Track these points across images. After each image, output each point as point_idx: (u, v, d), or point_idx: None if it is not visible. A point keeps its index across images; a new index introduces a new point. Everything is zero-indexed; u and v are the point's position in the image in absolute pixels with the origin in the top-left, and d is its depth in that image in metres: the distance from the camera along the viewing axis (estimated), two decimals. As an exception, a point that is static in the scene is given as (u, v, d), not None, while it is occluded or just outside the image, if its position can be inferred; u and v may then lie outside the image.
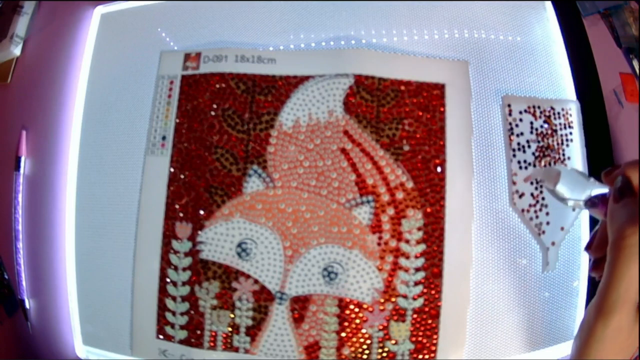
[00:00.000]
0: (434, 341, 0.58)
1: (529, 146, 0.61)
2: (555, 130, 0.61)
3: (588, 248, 0.35)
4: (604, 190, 0.35)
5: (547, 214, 0.60)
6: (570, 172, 0.37)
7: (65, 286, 0.68)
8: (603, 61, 0.63)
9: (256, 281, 0.60)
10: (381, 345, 0.59)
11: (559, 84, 0.63)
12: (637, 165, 0.32)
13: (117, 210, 0.65)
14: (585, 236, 0.60)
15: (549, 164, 0.60)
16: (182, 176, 0.63)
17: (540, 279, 0.60)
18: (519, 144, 0.61)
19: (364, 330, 0.59)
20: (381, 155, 0.60)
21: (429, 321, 0.58)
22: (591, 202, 0.35)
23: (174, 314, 0.62)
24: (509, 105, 0.61)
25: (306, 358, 0.60)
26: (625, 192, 0.31)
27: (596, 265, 0.34)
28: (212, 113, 0.63)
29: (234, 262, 0.61)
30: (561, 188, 0.36)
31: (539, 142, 0.61)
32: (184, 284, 0.62)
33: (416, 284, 0.59)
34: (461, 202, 0.59)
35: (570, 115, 0.62)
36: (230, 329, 0.61)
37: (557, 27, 0.64)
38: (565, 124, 0.61)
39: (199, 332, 0.61)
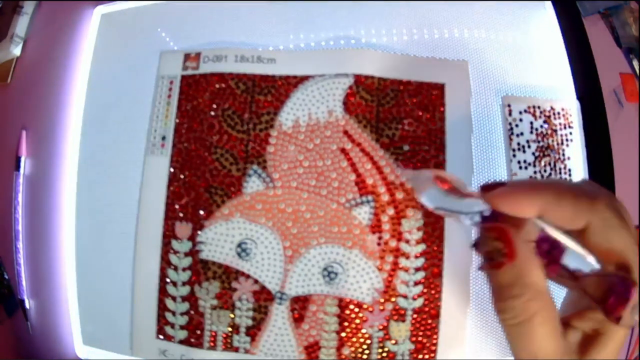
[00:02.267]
0: (434, 341, 0.58)
1: (529, 146, 0.61)
2: (555, 130, 0.61)
3: (476, 247, 0.29)
4: (481, 206, 0.28)
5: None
6: (438, 187, 0.30)
7: (65, 286, 0.68)
8: (603, 61, 0.63)
9: (256, 281, 0.60)
10: (381, 345, 0.59)
11: (559, 84, 0.63)
12: (524, 193, 0.26)
13: (117, 210, 0.65)
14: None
15: (549, 164, 0.60)
16: (182, 176, 0.63)
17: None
18: (519, 144, 0.61)
19: (364, 330, 0.59)
20: (381, 155, 0.60)
21: (429, 321, 0.58)
22: (472, 223, 0.29)
23: (173, 314, 0.62)
24: (509, 105, 0.61)
25: (306, 358, 0.60)
26: (497, 263, 0.26)
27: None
28: (212, 113, 0.63)
29: (234, 262, 0.61)
30: (426, 198, 0.30)
31: (539, 142, 0.61)
32: (184, 284, 0.62)
33: (416, 283, 0.59)
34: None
35: (570, 115, 0.62)
36: (230, 329, 0.61)
37: (557, 27, 0.64)
38: (565, 124, 0.61)
39: (199, 332, 0.61)
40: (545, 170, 0.60)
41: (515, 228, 0.27)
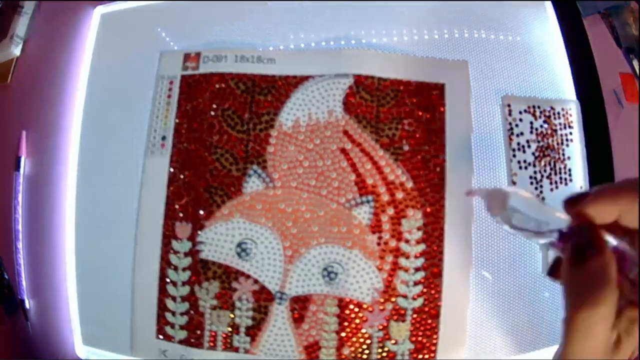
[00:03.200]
0: (434, 341, 0.58)
1: (529, 146, 0.61)
2: (555, 130, 0.61)
3: (551, 275, 0.29)
4: (561, 224, 0.28)
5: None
6: (520, 197, 0.29)
7: (65, 286, 0.68)
8: (603, 61, 0.63)
9: (256, 281, 0.60)
10: (381, 345, 0.59)
11: (559, 84, 0.63)
12: (610, 196, 0.26)
13: (117, 210, 0.65)
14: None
15: (549, 164, 0.60)
16: (181, 176, 0.63)
17: (540, 279, 0.60)
18: (519, 144, 0.61)
19: (363, 330, 0.59)
20: (381, 155, 0.60)
21: (429, 321, 0.58)
22: (549, 243, 0.28)
23: (173, 314, 0.62)
24: (509, 105, 0.61)
25: (306, 358, 0.59)
26: (588, 253, 0.26)
27: (556, 271, 0.29)
28: (212, 113, 0.63)
29: (234, 262, 0.61)
30: (507, 216, 0.29)
31: (539, 142, 0.61)
32: (183, 284, 0.62)
33: (416, 283, 0.58)
34: (461, 201, 0.59)
35: (570, 115, 0.62)
36: (230, 329, 0.61)
37: (557, 27, 0.64)
38: (565, 124, 0.61)
39: (199, 332, 0.61)
40: (545, 170, 0.60)
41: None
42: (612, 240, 0.27)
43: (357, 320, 0.59)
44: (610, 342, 0.27)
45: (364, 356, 0.59)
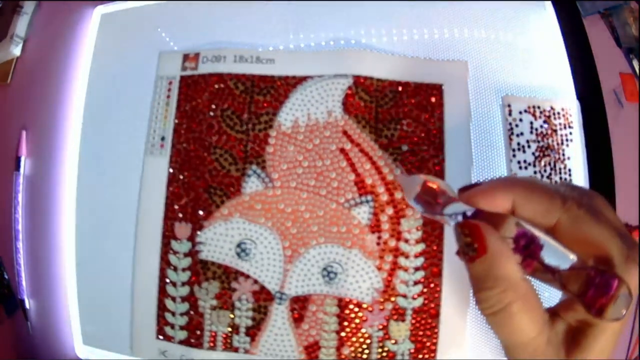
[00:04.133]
0: (434, 341, 0.58)
1: (529, 146, 0.61)
2: (555, 130, 0.61)
3: (458, 254, 0.31)
4: (463, 208, 0.30)
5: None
6: (430, 184, 0.31)
7: (65, 286, 0.68)
8: (603, 61, 0.63)
9: (256, 281, 0.60)
10: (381, 344, 0.59)
11: (559, 84, 0.63)
12: (500, 188, 0.28)
13: (117, 211, 0.65)
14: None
15: (549, 164, 0.60)
16: (181, 177, 0.63)
17: (540, 279, 0.60)
18: (519, 144, 0.61)
19: (363, 330, 0.59)
20: (380, 156, 0.60)
21: (429, 321, 0.58)
22: (455, 223, 0.30)
23: (173, 314, 0.62)
24: (509, 105, 0.61)
25: (306, 358, 0.60)
26: (470, 256, 0.28)
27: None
28: (211, 113, 0.63)
29: (234, 263, 0.61)
30: (415, 202, 0.32)
31: (539, 142, 0.61)
32: (183, 284, 0.62)
33: (416, 283, 0.59)
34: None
35: (570, 115, 0.61)
36: (230, 329, 0.61)
37: (557, 27, 0.64)
38: (565, 124, 0.61)
39: (198, 332, 0.62)
40: (545, 170, 0.60)
41: (495, 226, 0.28)
42: (521, 225, 0.28)
43: (357, 320, 0.59)
44: (558, 330, 0.28)
45: (364, 356, 0.59)
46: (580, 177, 0.61)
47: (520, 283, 0.27)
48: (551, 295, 0.59)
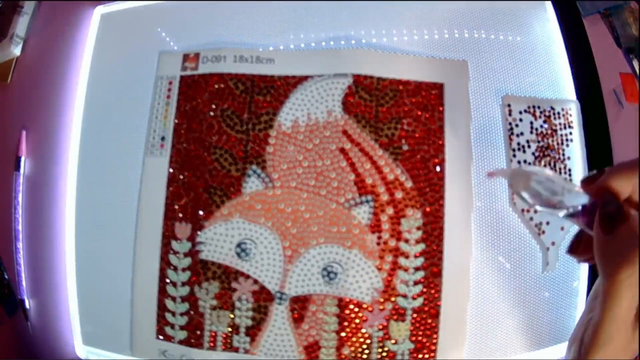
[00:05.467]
0: (434, 340, 0.58)
1: (529, 146, 0.60)
2: (555, 130, 0.61)
3: (572, 252, 0.32)
4: (582, 199, 0.30)
5: (547, 214, 0.60)
6: (542, 176, 0.31)
7: (65, 286, 0.68)
8: (603, 61, 0.63)
9: (256, 281, 0.60)
10: (381, 344, 0.59)
11: (559, 84, 0.63)
12: (625, 173, 0.28)
13: (117, 211, 0.65)
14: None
15: (549, 163, 0.60)
16: (181, 177, 0.63)
17: (540, 279, 0.60)
18: (519, 144, 0.60)
19: (363, 330, 0.59)
20: (380, 155, 0.60)
21: (429, 320, 0.58)
22: (569, 215, 0.30)
23: (173, 314, 0.62)
24: (509, 105, 0.61)
25: (306, 358, 0.60)
26: (616, 220, 0.28)
27: (576, 248, 0.32)
28: (211, 113, 0.63)
29: (234, 263, 0.61)
30: (529, 194, 0.31)
31: (539, 142, 0.61)
32: (183, 284, 0.62)
33: (416, 283, 0.58)
34: (460, 201, 0.59)
35: (570, 115, 0.61)
36: (230, 329, 0.61)
37: (557, 27, 0.64)
38: (565, 124, 0.61)
39: (198, 332, 0.61)
40: (545, 170, 0.60)
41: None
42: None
43: (357, 320, 0.59)
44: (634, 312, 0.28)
45: (364, 356, 0.59)
46: (580, 177, 0.60)
47: None
48: (550, 296, 0.60)
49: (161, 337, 0.63)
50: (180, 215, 0.62)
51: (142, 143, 0.65)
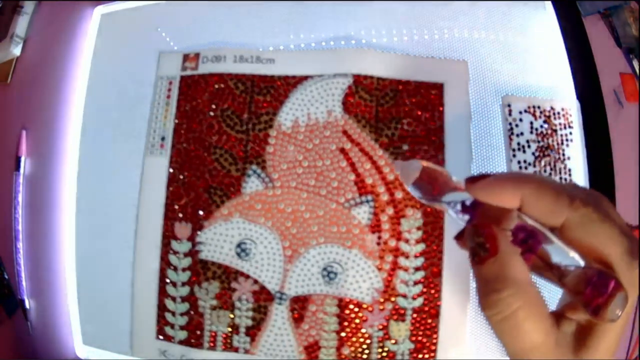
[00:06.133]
0: (434, 340, 0.58)
1: (529, 146, 0.61)
2: (555, 130, 0.61)
3: (457, 239, 0.31)
4: (463, 196, 0.29)
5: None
6: (427, 169, 0.31)
7: (65, 286, 0.68)
8: (603, 61, 0.63)
9: (256, 281, 0.60)
10: (381, 344, 0.59)
11: (559, 84, 0.63)
12: (513, 182, 0.27)
13: (117, 211, 0.65)
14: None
15: (549, 164, 0.60)
16: (181, 177, 0.63)
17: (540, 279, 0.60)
18: (518, 144, 0.61)
19: (363, 330, 0.59)
20: (380, 155, 0.60)
21: (429, 320, 0.58)
22: (454, 212, 0.30)
23: (173, 314, 0.62)
24: (509, 105, 0.61)
25: (306, 358, 0.60)
26: (482, 257, 0.27)
27: (460, 236, 0.31)
28: (211, 113, 0.63)
29: (234, 263, 0.61)
30: (413, 188, 0.31)
31: (539, 142, 0.61)
32: (183, 284, 0.62)
33: (416, 283, 0.58)
34: (461, 202, 0.59)
35: (570, 115, 0.61)
36: (230, 329, 0.61)
37: (557, 27, 0.64)
38: (565, 124, 0.61)
39: (198, 332, 0.62)
40: (545, 170, 0.60)
41: (496, 219, 0.28)
42: (524, 219, 0.27)
43: (357, 320, 0.59)
44: (566, 331, 0.27)
45: (364, 356, 0.59)
46: (580, 177, 0.61)
47: (528, 287, 0.26)
48: (551, 296, 0.60)
49: (161, 337, 0.63)
50: (180, 215, 0.62)
51: (142, 143, 0.65)
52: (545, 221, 0.27)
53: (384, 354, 0.59)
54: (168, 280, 0.62)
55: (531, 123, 0.61)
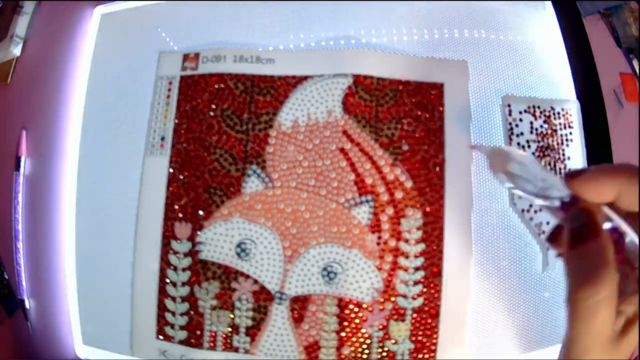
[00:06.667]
0: (434, 340, 0.58)
1: (529, 146, 0.61)
2: (555, 130, 0.61)
3: (550, 241, 0.30)
4: (562, 193, 0.29)
5: (547, 214, 0.60)
6: (523, 158, 0.30)
7: (65, 286, 0.68)
8: (603, 61, 0.63)
9: (256, 281, 0.60)
10: (381, 344, 0.59)
11: (559, 84, 0.63)
12: (610, 175, 0.27)
13: (117, 211, 0.65)
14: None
15: (549, 163, 0.60)
16: (181, 176, 0.63)
17: (540, 279, 0.60)
18: (519, 144, 0.61)
19: (363, 330, 0.59)
20: (380, 155, 0.60)
21: (429, 320, 0.58)
22: (547, 206, 0.29)
23: (173, 314, 0.62)
24: (509, 105, 0.61)
25: (306, 358, 0.60)
26: (585, 235, 0.27)
27: (554, 237, 0.30)
28: (211, 113, 0.63)
29: (234, 263, 0.61)
30: (506, 176, 0.30)
31: (539, 142, 0.61)
32: (183, 284, 0.62)
33: (416, 283, 0.59)
34: (460, 201, 0.59)
35: (570, 115, 0.62)
36: (230, 329, 0.61)
37: (557, 27, 0.64)
38: (565, 124, 0.61)
39: (198, 332, 0.61)
40: (545, 170, 0.60)
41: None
42: (608, 224, 0.27)
43: (357, 320, 0.59)
44: (617, 327, 0.28)
45: (364, 356, 0.59)
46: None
47: (616, 276, 0.26)
48: (550, 297, 0.60)
49: (161, 337, 0.63)
50: (180, 215, 0.62)
51: (142, 143, 0.65)
52: (634, 209, 0.27)
53: (384, 354, 0.59)
54: (168, 280, 0.62)
55: (531, 123, 0.61)
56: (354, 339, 0.59)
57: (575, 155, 0.61)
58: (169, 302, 0.62)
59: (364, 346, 0.59)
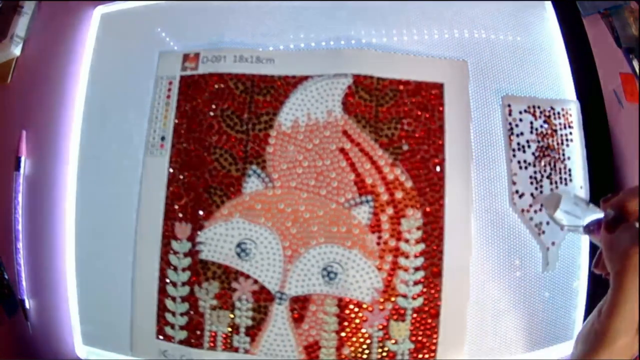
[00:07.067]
0: (434, 340, 0.58)
1: (529, 146, 0.61)
2: (555, 130, 0.61)
3: (595, 267, 0.36)
4: (599, 215, 0.35)
5: (547, 214, 0.60)
6: (570, 199, 0.37)
7: (65, 286, 0.68)
8: (603, 61, 0.63)
9: (256, 281, 0.60)
10: (381, 344, 0.59)
11: (559, 84, 0.63)
12: (635, 193, 0.33)
13: (117, 211, 0.65)
14: (584, 237, 0.60)
15: (549, 164, 0.60)
16: (181, 177, 0.63)
17: (540, 279, 0.60)
18: (518, 144, 0.61)
19: (363, 330, 0.59)
20: (380, 155, 0.60)
21: (429, 320, 0.58)
22: (587, 229, 0.36)
23: (173, 314, 0.62)
24: (509, 105, 0.61)
25: (306, 358, 0.60)
26: (616, 223, 0.32)
27: (597, 264, 0.35)
28: (211, 113, 0.63)
29: (234, 263, 0.61)
30: (559, 214, 0.37)
31: (539, 142, 0.61)
32: (183, 284, 0.62)
33: (416, 283, 0.59)
34: (460, 201, 0.59)
35: (570, 115, 0.61)
36: (230, 329, 0.61)
37: (557, 27, 0.64)
38: (565, 124, 0.61)
39: (198, 332, 0.61)
40: (545, 170, 0.60)
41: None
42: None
43: (357, 320, 0.59)
44: None
45: (364, 356, 0.59)
46: (580, 177, 0.61)
47: None
48: (550, 297, 0.60)
49: (161, 337, 0.63)
50: (180, 215, 0.62)
51: (142, 143, 0.65)
52: None
53: (384, 354, 0.59)
54: (168, 280, 0.62)
55: (531, 123, 0.61)
56: (354, 339, 0.59)
57: (575, 155, 0.61)
58: (169, 302, 0.62)
59: (364, 346, 0.59)
